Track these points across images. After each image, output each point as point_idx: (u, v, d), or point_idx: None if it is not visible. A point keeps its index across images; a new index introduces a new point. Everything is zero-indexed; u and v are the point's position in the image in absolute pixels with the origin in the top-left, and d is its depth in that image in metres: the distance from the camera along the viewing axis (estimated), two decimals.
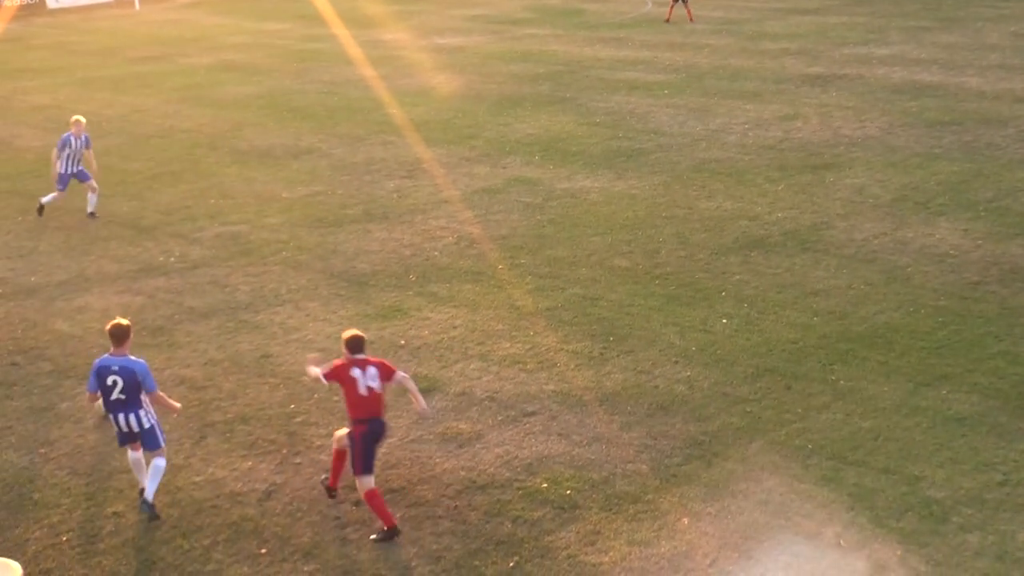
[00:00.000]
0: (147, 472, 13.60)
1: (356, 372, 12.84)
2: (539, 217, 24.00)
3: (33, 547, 12.96)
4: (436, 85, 37.90)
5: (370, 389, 12.82)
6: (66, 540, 13.15)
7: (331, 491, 13.68)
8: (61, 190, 25.14)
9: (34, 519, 13.62)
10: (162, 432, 13.63)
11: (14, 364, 18.10)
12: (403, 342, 18.11)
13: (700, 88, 35.67)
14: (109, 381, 13.09)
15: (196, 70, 43.33)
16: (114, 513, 13.63)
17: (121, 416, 13.27)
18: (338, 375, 12.95)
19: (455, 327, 18.63)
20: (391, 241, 22.94)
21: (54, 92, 39.91)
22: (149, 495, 13.42)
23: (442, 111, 33.97)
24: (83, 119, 25.19)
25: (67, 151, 24.77)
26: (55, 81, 41.82)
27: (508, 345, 17.79)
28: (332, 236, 23.35)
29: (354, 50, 45.30)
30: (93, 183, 25.15)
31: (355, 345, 12.99)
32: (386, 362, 13.18)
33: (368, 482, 12.86)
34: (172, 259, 22.50)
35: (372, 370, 12.88)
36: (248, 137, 32.19)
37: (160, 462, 13.54)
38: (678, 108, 33.17)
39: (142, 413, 13.26)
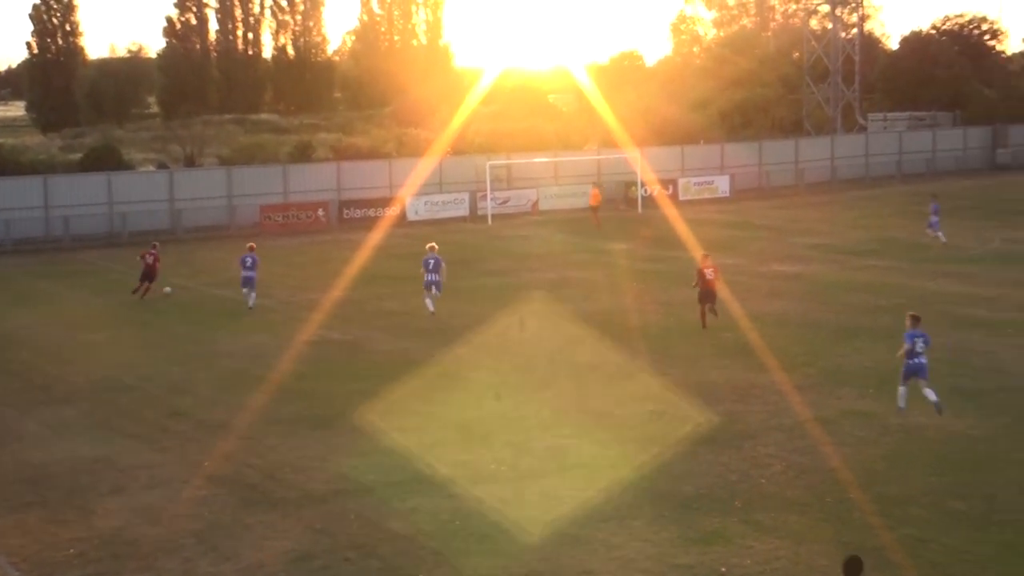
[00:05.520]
0: None
1: None
2: (871, 451, 23.48)
3: None
4: (772, 311, 37.92)
5: None
6: None
7: None
8: None
9: None
10: None
11: (347, 559, 18.87)
12: (724, 569, 17.92)
13: None
14: None
15: (540, 284, 44.83)
16: None
17: None
18: None
19: (778, 558, 18.32)
20: (718, 465, 22.88)
21: (405, 300, 42.00)
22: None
23: (776, 338, 33.86)
24: None
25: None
26: (406, 289, 44.01)
27: None
28: (660, 456, 23.47)
29: (692, 273, 45.85)
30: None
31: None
32: None
33: None
34: (503, 467, 23.10)
35: None
36: (583, 352, 32.92)
37: None
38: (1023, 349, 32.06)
39: None
